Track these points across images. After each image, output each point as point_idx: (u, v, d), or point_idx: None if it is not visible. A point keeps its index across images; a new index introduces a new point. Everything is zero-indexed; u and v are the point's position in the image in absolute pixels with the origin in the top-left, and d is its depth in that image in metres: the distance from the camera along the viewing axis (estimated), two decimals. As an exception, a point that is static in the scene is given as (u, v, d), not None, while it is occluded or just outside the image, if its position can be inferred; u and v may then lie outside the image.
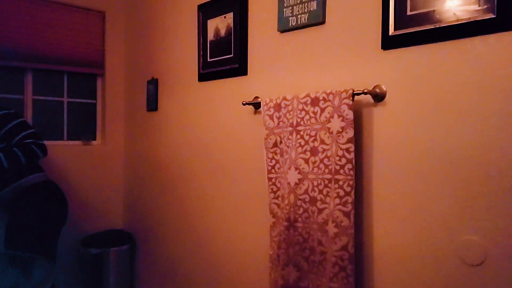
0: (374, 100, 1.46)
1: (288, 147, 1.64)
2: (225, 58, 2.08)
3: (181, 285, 2.44)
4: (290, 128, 1.63)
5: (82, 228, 2.83)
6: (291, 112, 1.63)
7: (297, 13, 1.71)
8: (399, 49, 1.40)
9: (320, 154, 1.52)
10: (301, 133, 1.59)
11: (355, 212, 1.45)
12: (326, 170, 1.50)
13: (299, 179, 1.59)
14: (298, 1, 1.70)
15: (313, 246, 1.55)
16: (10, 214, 2.06)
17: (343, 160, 1.45)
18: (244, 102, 1.87)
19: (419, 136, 1.36)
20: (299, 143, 1.59)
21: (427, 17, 1.32)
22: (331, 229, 1.48)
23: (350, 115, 1.44)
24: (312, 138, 1.55)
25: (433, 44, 1.32)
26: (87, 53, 2.86)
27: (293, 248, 1.60)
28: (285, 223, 1.62)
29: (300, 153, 1.59)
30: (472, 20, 1.22)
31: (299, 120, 1.60)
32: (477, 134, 1.23)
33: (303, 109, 1.59)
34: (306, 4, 1.67)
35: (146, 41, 2.77)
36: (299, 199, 1.58)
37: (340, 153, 1.46)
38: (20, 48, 2.57)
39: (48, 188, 2.15)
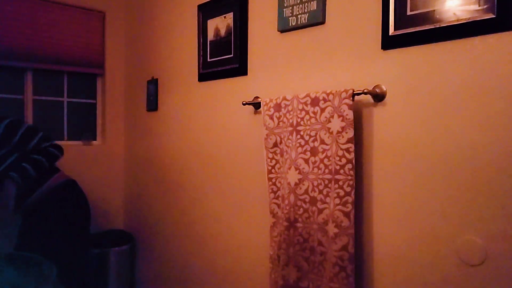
0: (374, 100, 1.46)
1: (288, 147, 1.64)
2: (225, 58, 2.08)
3: (181, 285, 2.44)
4: (290, 128, 1.63)
5: (82, 228, 2.83)
6: (291, 112, 1.63)
7: (297, 13, 1.71)
8: (399, 49, 1.40)
9: (320, 154, 1.52)
10: (301, 133, 1.59)
11: (355, 212, 1.45)
12: (326, 170, 1.50)
13: (299, 179, 1.59)
14: (298, 1, 1.70)
15: (313, 246, 1.55)
16: (32, 218, 2.03)
17: (343, 160, 1.45)
18: (244, 102, 1.87)
19: (419, 136, 1.36)
20: (299, 143, 1.59)
21: (427, 17, 1.32)
22: (331, 229, 1.48)
23: (350, 115, 1.44)
24: (312, 138, 1.55)
25: (433, 44, 1.32)
26: (87, 53, 2.86)
27: (293, 248, 1.60)
28: (285, 223, 1.62)
29: (300, 153, 1.59)
30: (472, 20, 1.22)
31: (299, 120, 1.60)
32: (477, 134, 1.23)
33: (303, 109, 1.58)
34: (306, 4, 1.67)
35: (146, 41, 2.76)
36: (299, 199, 1.58)
37: (340, 153, 1.46)
38: (20, 48, 2.56)
39: (70, 189, 2.14)
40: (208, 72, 2.19)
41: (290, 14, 1.73)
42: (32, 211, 2.03)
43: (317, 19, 1.64)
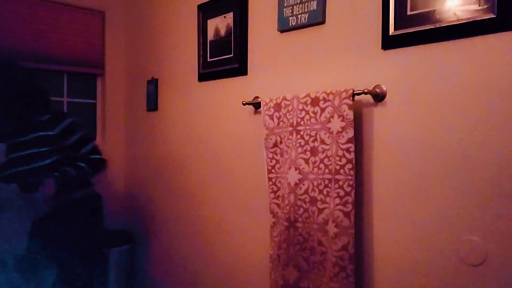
0: (374, 100, 1.46)
1: (288, 147, 1.64)
2: (225, 58, 2.08)
3: (181, 284, 2.44)
4: (290, 128, 1.63)
5: (82, 228, 2.83)
6: (291, 112, 1.63)
7: (297, 13, 1.71)
8: (399, 49, 1.40)
9: (320, 154, 1.52)
10: (301, 133, 1.59)
11: (355, 212, 1.45)
12: (326, 170, 1.50)
13: (299, 179, 1.59)
14: (298, 1, 1.70)
15: (314, 246, 1.55)
16: (52, 223, 1.96)
17: (343, 160, 1.45)
18: (244, 102, 1.87)
19: (419, 136, 1.36)
20: (299, 143, 1.59)
21: (427, 17, 1.32)
22: (331, 229, 1.48)
23: (350, 115, 1.44)
24: (312, 138, 1.55)
25: (433, 44, 1.32)
26: (87, 53, 2.85)
27: (294, 248, 1.60)
28: (286, 223, 1.62)
29: (300, 153, 1.59)
30: (472, 20, 1.22)
31: (299, 120, 1.60)
32: (477, 134, 1.23)
33: (303, 109, 1.58)
34: (306, 4, 1.67)
35: (146, 41, 2.76)
36: (299, 199, 1.58)
37: (340, 153, 1.46)
38: (20, 48, 2.56)
39: (96, 203, 2.11)
40: (208, 72, 2.19)
41: (290, 14, 1.73)
42: (53, 215, 1.96)
43: (317, 19, 1.64)
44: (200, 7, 2.23)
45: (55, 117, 1.96)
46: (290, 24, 1.73)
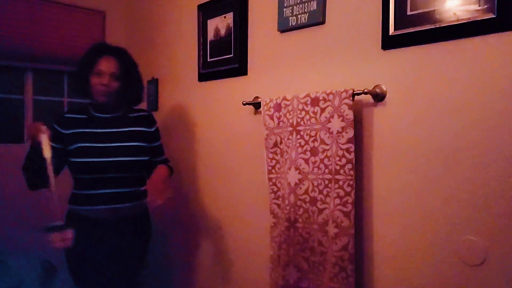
0: (374, 100, 1.46)
1: (288, 147, 1.64)
2: (225, 58, 2.08)
3: (183, 285, 2.44)
4: (290, 128, 1.63)
5: (82, 228, 2.82)
6: (291, 112, 1.63)
7: (297, 13, 1.71)
8: (399, 49, 1.40)
9: (320, 154, 1.52)
10: (301, 133, 1.59)
11: (355, 212, 1.45)
12: (326, 170, 1.50)
13: (299, 179, 1.59)
14: (298, 1, 1.70)
15: (314, 247, 1.55)
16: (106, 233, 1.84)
17: (343, 160, 1.45)
18: (244, 102, 1.87)
19: (419, 136, 1.35)
20: (299, 143, 1.59)
21: (427, 17, 1.32)
22: (331, 229, 1.48)
23: (350, 115, 1.44)
24: (312, 138, 1.55)
25: (433, 44, 1.31)
26: (87, 53, 2.85)
27: (294, 249, 1.60)
28: (286, 224, 1.62)
29: (300, 153, 1.59)
30: (472, 20, 1.22)
31: (299, 120, 1.60)
32: (477, 134, 1.23)
33: (303, 109, 1.58)
34: (306, 4, 1.67)
35: (146, 41, 2.76)
36: (299, 199, 1.58)
37: (340, 153, 1.46)
38: (20, 48, 2.56)
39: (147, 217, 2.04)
40: (208, 72, 2.19)
41: (290, 14, 1.73)
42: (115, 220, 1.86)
43: (317, 19, 1.64)
44: (200, 7, 2.23)
45: (151, 115, 2.02)
46: (290, 24, 1.73)
